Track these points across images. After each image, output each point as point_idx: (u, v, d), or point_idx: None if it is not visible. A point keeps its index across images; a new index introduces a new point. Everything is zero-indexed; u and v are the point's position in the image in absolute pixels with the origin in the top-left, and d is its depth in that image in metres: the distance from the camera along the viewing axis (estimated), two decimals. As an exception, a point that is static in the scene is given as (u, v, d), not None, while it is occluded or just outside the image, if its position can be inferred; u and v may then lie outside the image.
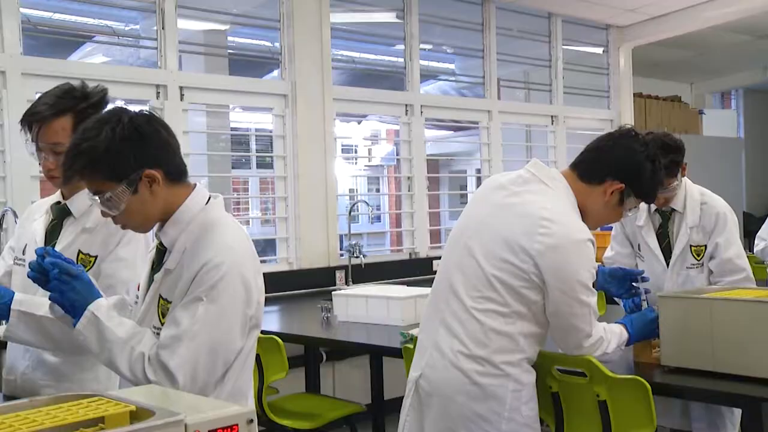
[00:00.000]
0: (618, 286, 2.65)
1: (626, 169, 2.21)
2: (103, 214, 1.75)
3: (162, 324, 1.72)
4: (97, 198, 1.70)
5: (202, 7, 4.77)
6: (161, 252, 1.80)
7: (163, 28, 4.46)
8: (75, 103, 2.12)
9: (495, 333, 2.10)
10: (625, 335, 2.32)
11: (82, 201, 2.12)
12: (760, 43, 8.07)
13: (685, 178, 3.03)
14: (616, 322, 2.36)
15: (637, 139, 2.26)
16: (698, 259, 2.95)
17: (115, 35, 4.69)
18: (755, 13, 6.54)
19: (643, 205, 3.06)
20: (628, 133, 2.28)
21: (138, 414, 1.08)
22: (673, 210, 3.00)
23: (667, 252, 3.02)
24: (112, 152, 1.66)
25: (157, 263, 1.81)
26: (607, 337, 2.24)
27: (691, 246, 2.96)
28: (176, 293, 1.70)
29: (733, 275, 2.90)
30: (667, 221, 3.02)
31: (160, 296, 1.75)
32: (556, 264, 2.07)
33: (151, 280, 1.81)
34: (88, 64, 4.89)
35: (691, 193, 2.98)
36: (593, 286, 2.17)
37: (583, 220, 2.19)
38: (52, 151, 2.11)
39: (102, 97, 2.16)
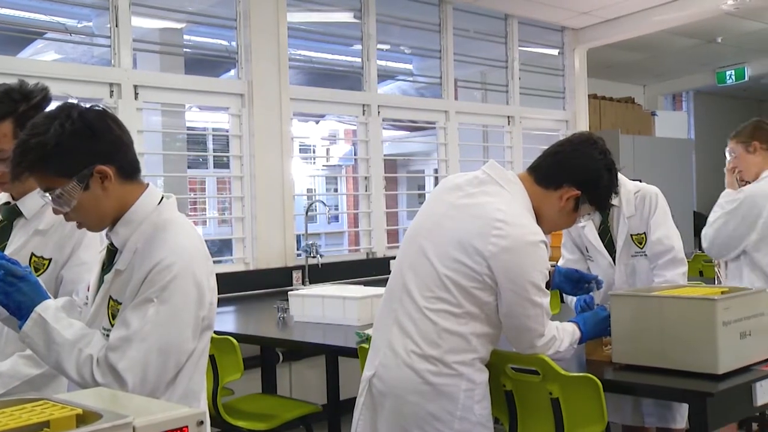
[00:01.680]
0: (572, 288, 2.69)
1: (584, 176, 2.23)
2: (55, 211, 1.72)
3: (112, 326, 1.69)
4: (48, 195, 1.67)
5: (156, 5, 4.71)
6: (112, 252, 1.77)
7: (116, 26, 4.39)
8: (14, 107, 2.04)
9: (447, 333, 2.12)
10: (578, 334, 2.34)
11: (34, 201, 2.07)
12: (709, 47, 8.27)
13: (619, 174, 3.10)
14: (569, 321, 2.40)
15: (596, 146, 2.27)
16: (641, 247, 3.02)
17: (67, 32, 4.61)
18: (703, 18, 6.71)
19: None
20: (587, 140, 2.29)
21: (85, 417, 1.06)
22: (612, 205, 3.06)
23: (610, 247, 3.08)
24: (61, 147, 1.63)
25: (108, 264, 1.78)
26: (560, 336, 2.26)
27: (631, 235, 3.02)
28: (126, 294, 1.67)
29: (663, 256, 2.95)
30: (606, 217, 3.08)
31: (110, 297, 1.73)
32: (508, 265, 2.09)
33: (101, 281, 1.78)
34: (39, 61, 4.80)
35: (625, 186, 3.05)
36: (546, 287, 2.19)
37: (538, 223, 2.20)
38: None
39: (43, 96, 2.09)
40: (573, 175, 2.22)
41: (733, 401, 2.21)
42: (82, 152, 1.65)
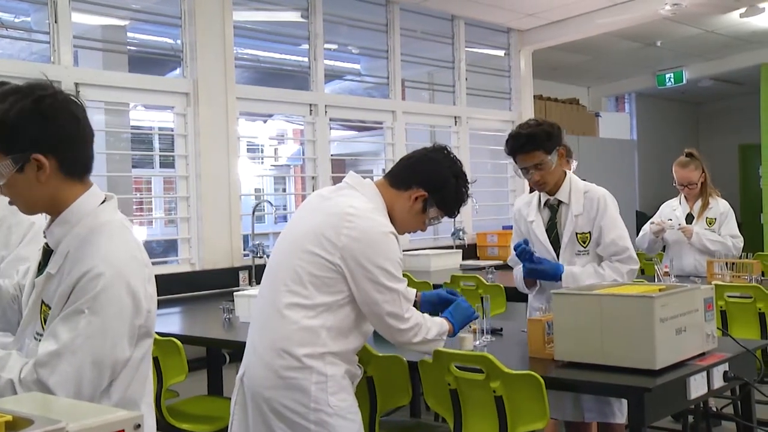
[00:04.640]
0: (438, 309, 2.68)
1: (431, 179, 2.41)
2: None
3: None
4: None
5: (98, 1, 4.62)
6: (47, 253, 1.69)
7: (56, 22, 4.29)
8: None
9: (297, 326, 2.23)
10: (447, 325, 2.45)
11: None
12: (649, 50, 8.46)
13: (570, 173, 3.17)
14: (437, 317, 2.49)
15: (446, 155, 2.46)
16: (584, 246, 3.10)
17: (3, 27, 4.49)
18: (643, 21, 6.86)
19: (533, 202, 3.19)
20: (439, 149, 2.49)
21: (15, 424, 1.02)
22: (560, 202, 3.14)
23: (556, 243, 3.15)
24: (4, 124, 1.56)
25: (43, 265, 1.69)
26: (427, 324, 2.37)
27: (576, 233, 3.10)
28: (55, 300, 1.59)
29: (618, 255, 3.08)
30: (555, 214, 3.15)
31: (43, 301, 1.64)
32: (360, 254, 2.23)
33: (33, 284, 1.69)
34: (-25, 57, 4.66)
35: (576, 185, 3.15)
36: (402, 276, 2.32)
37: (393, 224, 2.35)
38: None
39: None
40: (421, 178, 2.40)
41: (669, 395, 2.27)
42: (25, 135, 1.57)
